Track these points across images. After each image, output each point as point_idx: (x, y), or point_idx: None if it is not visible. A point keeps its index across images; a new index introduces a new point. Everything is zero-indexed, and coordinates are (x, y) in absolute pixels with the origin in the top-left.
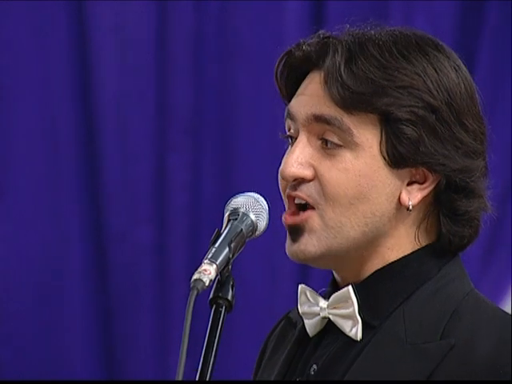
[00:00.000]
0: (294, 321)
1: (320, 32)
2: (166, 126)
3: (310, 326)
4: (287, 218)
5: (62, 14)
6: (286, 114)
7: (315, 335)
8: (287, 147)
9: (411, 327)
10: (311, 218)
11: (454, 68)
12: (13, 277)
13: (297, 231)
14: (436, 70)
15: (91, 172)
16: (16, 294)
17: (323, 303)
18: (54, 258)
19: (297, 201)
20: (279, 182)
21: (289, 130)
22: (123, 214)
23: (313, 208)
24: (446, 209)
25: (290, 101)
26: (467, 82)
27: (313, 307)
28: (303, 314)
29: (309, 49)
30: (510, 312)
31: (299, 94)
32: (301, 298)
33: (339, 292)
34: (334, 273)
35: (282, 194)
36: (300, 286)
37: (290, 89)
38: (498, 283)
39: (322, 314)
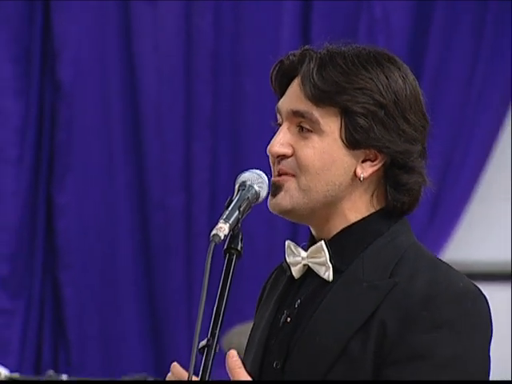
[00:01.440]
0: (284, 268)
1: (304, 47)
2: (191, 121)
3: (295, 271)
4: (273, 178)
5: (114, 39)
6: (276, 109)
7: (299, 278)
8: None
9: (367, 270)
10: (290, 181)
11: (402, 76)
12: (76, 237)
13: (277, 188)
14: (386, 77)
15: (137, 155)
16: (79, 250)
17: (303, 254)
18: (107, 224)
19: (281, 171)
20: (269, 157)
21: (278, 121)
22: (160, 187)
23: (294, 176)
24: (390, 181)
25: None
26: (412, 86)
27: (296, 257)
28: (289, 262)
29: (293, 58)
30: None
31: (285, 95)
32: (287, 251)
33: (314, 246)
34: (311, 229)
35: (272, 165)
36: (286, 242)
37: (282, 89)
38: (441, 231)
39: (302, 262)
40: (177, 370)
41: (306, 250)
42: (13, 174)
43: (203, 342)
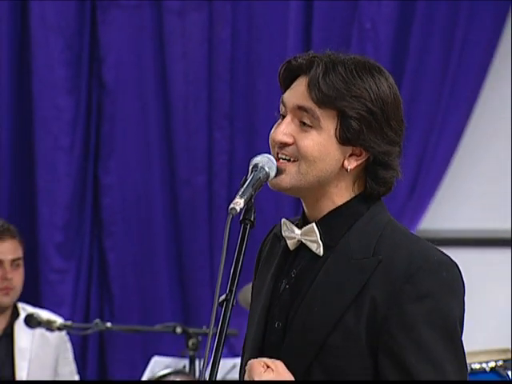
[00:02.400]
0: (278, 235)
1: (310, 52)
2: (212, 114)
3: (290, 244)
4: (278, 162)
5: (148, 42)
6: (281, 100)
7: (294, 250)
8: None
9: (354, 247)
10: (291, 165)
11: (389, 86)
12: (118, 210)
13: (280, 171)
14: (377, 87)
15: (168, 142)
16: (120, 221)
17: (297, 231)
18: (144, 199)
19: (281, 156)
20: (270, 143)
21: (281, 111)
22: (187, 168)
23: (293, 161)
24: (370, 174)
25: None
26: (396, 95)
27: (291, 233)
28: (285, 236)
29: (301, 61)
30: None
31: (291, 89)
32: (283, 227)
33: (307, 227)
34: (304, 208)
35: (271, 148)
36: (282, 220)
37: (287, 84)
38: (417, 207)
39: (297, 238)
40: None
41: (299, 227)
42: (66, 159)
43: (222, 297)
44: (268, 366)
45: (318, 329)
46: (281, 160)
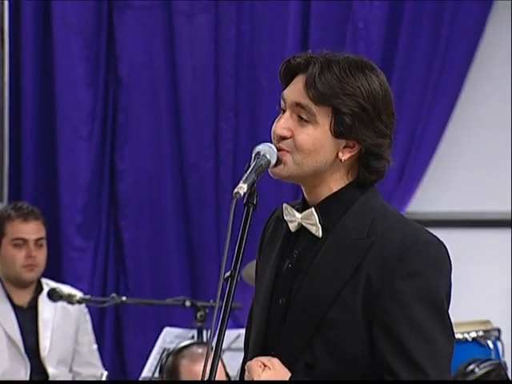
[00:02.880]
0: (280, 218)
1: (308, 52)
2: (219, 106)
3: (292, 227)
4: (277, 153)
5: (159, 40)
6: (281, 96)
7: (295, 232)
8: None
9: (349, 229)
10: (287, 156)
11: (380, 83)
12: (132, 193)
13: (279, 161)
14: (369, 84)
15: (178, 131)
16: (134, 203)
17: (298, 215)
18: (156, 183)
19: (280, 148)
20: (272, 135)
21: (282, 106)
22: (195, 154)
23: (289, 152)
24: (363, 164)
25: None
26: (387, 92)
27: (292, 217)
28: (287, 220)
29: (300, 60)
30: None
31: (290, 86)
32: (285, 211)
33: (307, 211)
34: (304, 193)
35: (272, 139)
36: (284, 204)
37: (287, 81)
38: (406, 191)
39: (297, 221)
40: None
41: (299, 211)
42: (85, 146)
43: (228, 273)
44: (265, 365)
45: (319, 304)
46: (280, 151)
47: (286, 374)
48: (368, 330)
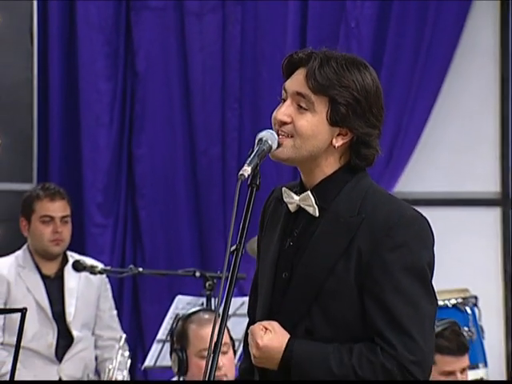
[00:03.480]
0: (280, 199)
1: (309, 48)
2: (225, 97)
3: (291, 207)
4: (278, 138)
5: (172, 38)
6: (283, 87)
7: (294, 212)
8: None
9: (342, 208)
10: (287, 140)
11: (372, 79)
12: (148, 176)
13: (279, 145)
14: (362, 79)
15: (189, 120)
16: (150, 185)
17: (296, 198)
18: (169, 167)
19: (280, 132)
20: (272, 121)
21: (283, 96)
22: (205, 141)
23: (291, 137)
24: (354, 151)
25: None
26: (378, 87)
27: (290, 199)
28: (286, 202)
29: (301, 55)
30: None
31: (292, 78)
32: (284, 194)
33: (304, 194)
34: (302, 176)
35: (273, 126)
36: (283, 188)
37: (288, 74)
38: (393, 172)
39: (296, 203)
40: None
41: (298, 193)
42: (105, 133)
43: (233, 247)
44: (266, 328)
45: (317, 276)
46: (280, 136)
47: (285, 336)
48: (360, 299)
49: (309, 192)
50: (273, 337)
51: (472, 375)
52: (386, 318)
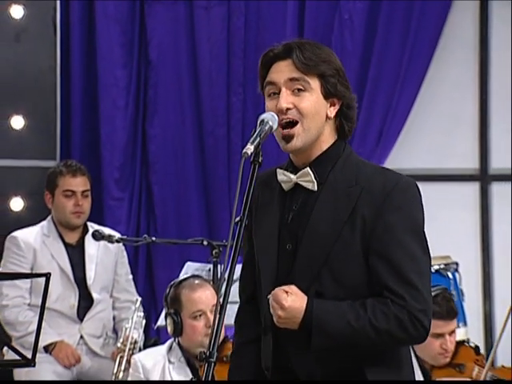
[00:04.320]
0: (268, 182)
1: (285, 42)
2: (230, 82)
3: (286, 187)
4: (283, 132)
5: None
6: (268, 83)
7: (289, 191)
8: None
9: (339, 180)
10: (296, 129)
11: (339, 59)
12: (160, 154)
13: (290, 137)
14: (331, 54)
15: (197, 103)
16: (162, 162)
17: (293, 176)
18: (179, 146)
19: (286, 120)
20: (273, 111)
21: (271, 90)
22: (211, 122)
23: (297, 122)
24: (343, 116)
25: (262, 75)
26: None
27: (287, 179)
28: (282, 181)
29: (277, 51)
30: None
31: (277, 72)
32: (279, 175)
33: (302, 171)
34: (292, 157)
35: (279, 115)
36: (277, 170)
37: (267, 69)
38: (383, 150)
39: (293, 181)
40: None
41: (292, 172)
42: (122, 116)
43: (237, 218)
44: (286, 292)
45: (325, 242)
46: (285, 130)
47: (304, 297)
48: (365, 260)
49: (308, 169)
50: (295, 298)
51: None
52: (393, 273)
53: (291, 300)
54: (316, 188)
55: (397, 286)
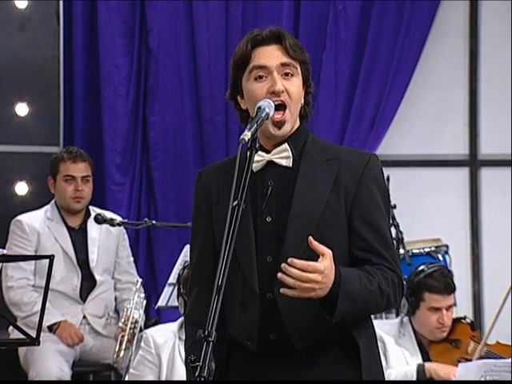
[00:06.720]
0: (223, 169)
1: (268, 28)
2: (229, 71)
3: (257, 166)
4: (276, 118)
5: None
6: (258, 66)
7: (258, 171)
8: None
9: (315, 155)
10: (286, 113)
11: None
12: (160, 140)
13: (282, 123)
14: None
15: (196, 91)
16: (162, 148)
17: (267, 156)
18: (179, 133)
19: (277, 102)
20: (265, 95)
21: (261, 73)
22: (210, 110)
23: (285, 107)
24: (305, 100)
25: (244, 56)
26: None
27: (261, 158)
28: (255, 161)
29: (269, 34)
30: None
31: (267, 57)
32: (251, 157)
33: (279, 147)
34: (262, 140)
35: (270, 98)
36: (248, 151)
37: (251, 49)
38: (375, 138)
39: (267, 159)
40: None
41: (265, 152)
42: (123, 103)
43: (235, 202)
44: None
45: (313, 211)
46: (278, 115)
47: (332, 261)
48: (348, 226)
49: (286, 144)
50: (328, 263)
51: None
52: (381, 240)
53: (324, 264)
54: (291, 164)
55: (386, 252)
